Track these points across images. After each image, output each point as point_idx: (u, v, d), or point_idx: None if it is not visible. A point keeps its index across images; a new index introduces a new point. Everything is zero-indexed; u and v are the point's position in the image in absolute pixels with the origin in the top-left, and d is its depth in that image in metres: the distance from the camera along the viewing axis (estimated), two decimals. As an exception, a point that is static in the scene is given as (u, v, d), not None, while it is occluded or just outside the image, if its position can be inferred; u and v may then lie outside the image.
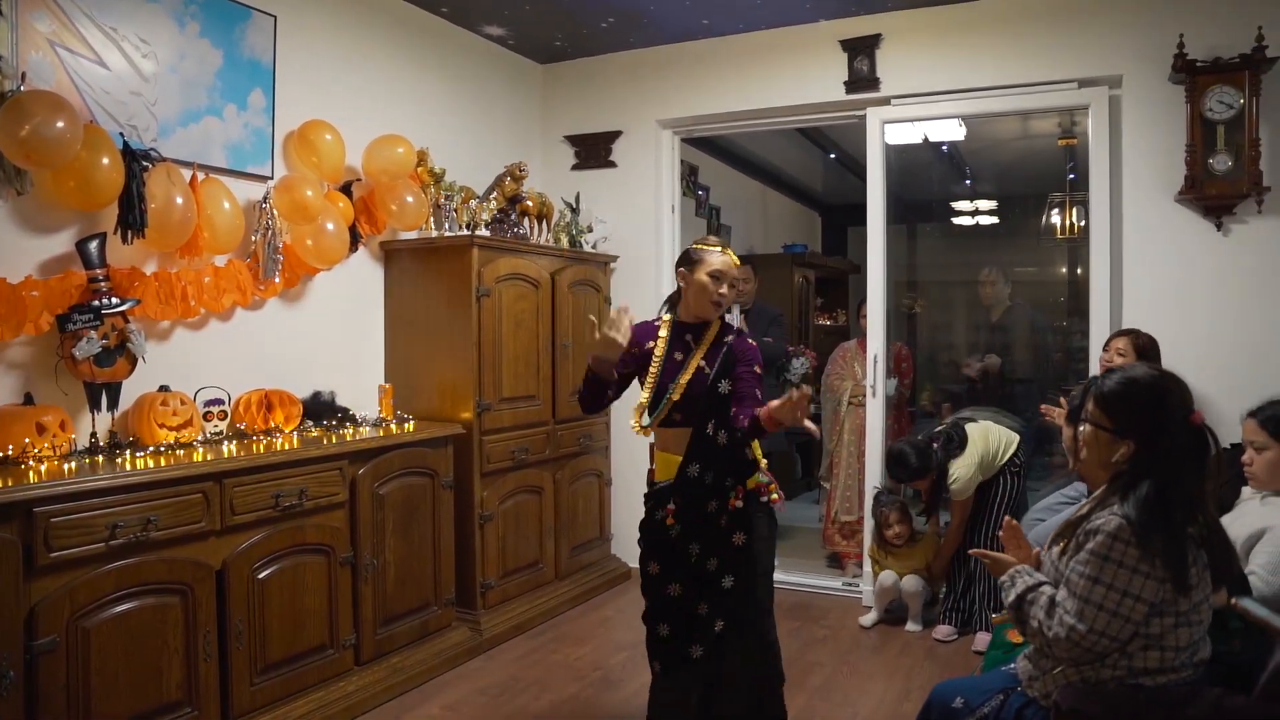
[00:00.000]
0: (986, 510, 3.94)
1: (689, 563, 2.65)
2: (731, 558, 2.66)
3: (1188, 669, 1.87)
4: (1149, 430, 1.90)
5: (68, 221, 2.88)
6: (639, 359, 2.80)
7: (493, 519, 4.00)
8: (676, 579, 2.66)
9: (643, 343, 2.81)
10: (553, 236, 4.67)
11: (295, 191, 3.42)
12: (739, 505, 2.66)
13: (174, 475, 2.66)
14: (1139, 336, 3.50)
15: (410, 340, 4.08)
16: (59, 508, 2.36)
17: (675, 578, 2.66)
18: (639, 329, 2.83)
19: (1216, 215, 3.79)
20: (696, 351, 2.73)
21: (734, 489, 2.67)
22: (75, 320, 2.76)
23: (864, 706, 3.33)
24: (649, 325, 2.86)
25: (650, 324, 2.87)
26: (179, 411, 3.06)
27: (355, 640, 3.29)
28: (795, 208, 9.08)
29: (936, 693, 2.17)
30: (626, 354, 2.77)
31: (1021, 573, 2.02)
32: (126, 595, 2.53)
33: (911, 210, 7.35)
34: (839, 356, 5.19)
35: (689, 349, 2.75)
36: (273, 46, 3.53)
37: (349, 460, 3.27)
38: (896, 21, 4.37)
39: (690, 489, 2.65)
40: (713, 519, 2.66)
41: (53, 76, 2.80)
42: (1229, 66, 3.66)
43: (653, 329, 2.84)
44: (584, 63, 5.10)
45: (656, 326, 2.84)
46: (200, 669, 2.72)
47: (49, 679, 2.33)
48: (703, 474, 2.64)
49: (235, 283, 3.35)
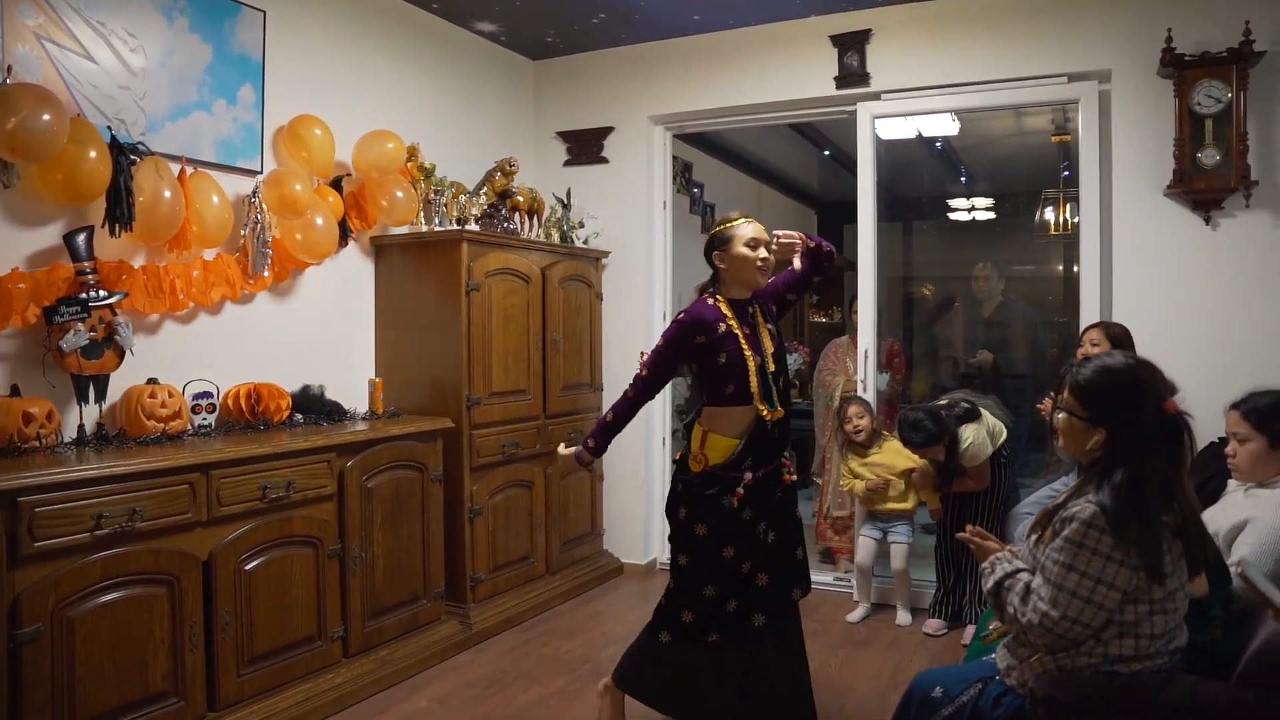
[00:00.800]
0: (975, 501, 3.94)
1: (758, 540, 2.74)
2: (797, 530, 2.86)
3: (1163, 656, 1.87)
4: (1122, 418, 1.91)
5: (55, 214, 2.89)
6: (708, 347, 2.69)
7: (482, 513, 4.00)
8: (748, 557, 2.73)
9: (711, 330, 2.70)
10: (544, 232, 4.68)
11: (284, 186, 3.43)
12: (793, 479, 2.82)
13: (160, 466, 2.67)
14: (1111, 327, 3.52)
15: (400, 334, 4.09)
16: (44, 497, 2.37)
17: (747, 556, 2.73)
18: (698, 315, 2.72)
19: (1205, 209, 3.80)
20: (759, 323, 2.81)
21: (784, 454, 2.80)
22: (63, 313, 2.77)
23: (852, 699, 3.34)
24: (705, 307, 2.75)
25: (705, 304, 2.76)
26: (167, 404, 3.07)
27: (343, 632, 3.30)
28: (791, 205, 9.08)
29: (916, 682, 2.18)
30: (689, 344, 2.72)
31: (1001, 559, 2.04)
32: (112, 585, 2.53)
33: (906, 207, 7.36)
34: (831, 352, 5.20)
35: (754, 323, 2.79)
36: (262, 41, 3.54)
37: (337, 453, 3.28)
38: (886, 16, 4.37)
39: (765, 445, 2.70)
40: (772, 494, 2.76)
41: (40, 70, 2.81)
42: (1216, 60, 3.67)
43: (714, 311, 2.74)
44: (576, 59, 5.11)
45: (714, 306, 2.75)
46: (186, 659, 2.73)
47: (33, 669, 2.34)
48: (774, 428, 2.71)
49: (224, 276, 3.36)
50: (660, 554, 5.11)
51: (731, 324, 2.71)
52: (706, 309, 2.74)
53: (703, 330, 2.70)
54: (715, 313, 2.73)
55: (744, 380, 2.68)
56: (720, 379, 2.70)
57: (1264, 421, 2.48)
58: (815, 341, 7.05)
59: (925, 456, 3.98)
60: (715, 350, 2.69)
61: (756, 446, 2.69)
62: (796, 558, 2.84)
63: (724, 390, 2.70)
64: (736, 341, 2.69)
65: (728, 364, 2.68)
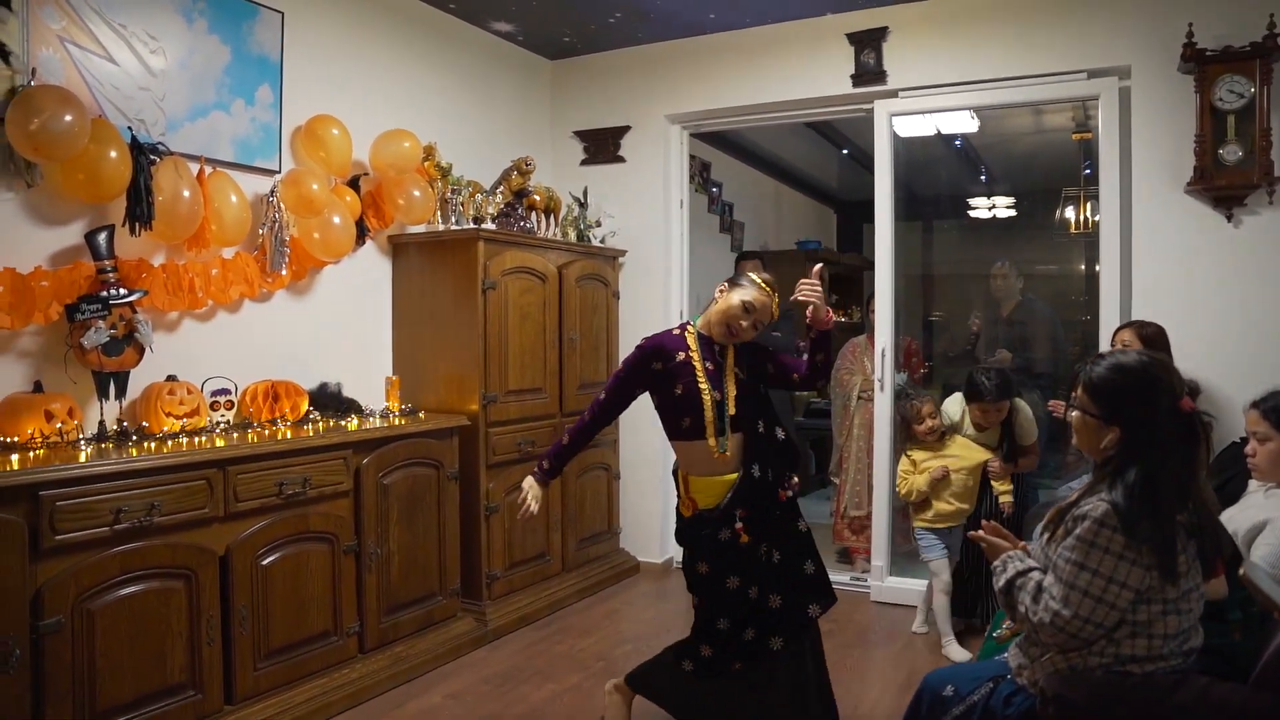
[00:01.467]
0: (989, 499, 3.92)
1: (761, 563, 2.68)
2: (803, 545, 2.74)
3: (1176, 657, 1.85)
4: (1136, 417, 1.89)
5: (77, 214, 2.93)
6: (664, 375, 2.71)
7: (498, 510, 4.02)
8: (755, 583, 2.67)
9: (669, 358, 2.71)
10: (560, 231, 4.69)
11: (302, 185, 3.47)
12: (789, 495, 2.72)
13: (178, 461, 2.71)
14: (1145, 327, 3.45)
15: (417, 332, 4.12)
16: (64, 491, 2.41)
17: (754, 582, 2.67)
18: (658, 342, 2.74)
19: (1227, 206, 3.75)
20: (727, 361, 2.74)
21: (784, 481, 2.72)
22: (84, 310, 2.81)
23: (865, 698, 3.33)
24: (669, 336, 2.77)
25: (670, 334, 2.78)
26: (186, 401, 3.11)
27: (359, 628, 3.32)
28: (809, 204, 9.05)
29: (928, 681, 2.17)
30: (646, 370, 2.72)
31: (1013, 558, 2.02)
32: (131, 579, 2.57)
33: (925, 206, 7.31)
34: (848, 351, 5.18)
35: (720, 362, 2.73)
36: (280, 42, 3.58)
37: (353, 450, 3.31)
38: (903, 14, 4.35)
39: (756, 490, 2.65)
40: (769, 513, 2.69)
41: (62, 72, 2.85)
42: (1239, 55, 3.62)
43: (676, 340, 2.74)
44: (592, 58, 5.13)
45: (679, 336, 2.75)
46: (204, 653, 2.76)
47: (54, 659, 2.38)
48: (764, 472, 2.67)
49: (242, 275, 3.39)
50: (676, 554, 5.11)
51: (693, 356, 2.70)
52: (669, 338, 2.75)
53: (659, 357, 2.70)
54: (678, 342, 2.73)
55: (699, 414, 2.65)
56: (676, 411, 2.69)
57: (1286, 420, 2.44)
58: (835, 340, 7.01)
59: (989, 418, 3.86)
60: (672, 380, 2.68)
61: (746, 496, 2.66)
62: (806, 573, 2.73)
63: (681, 423, 2.68)
64: (693, 374, 2.67)
65: (683, 395, 2.66)
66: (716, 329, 2.73)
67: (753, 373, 2.76)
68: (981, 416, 3.88)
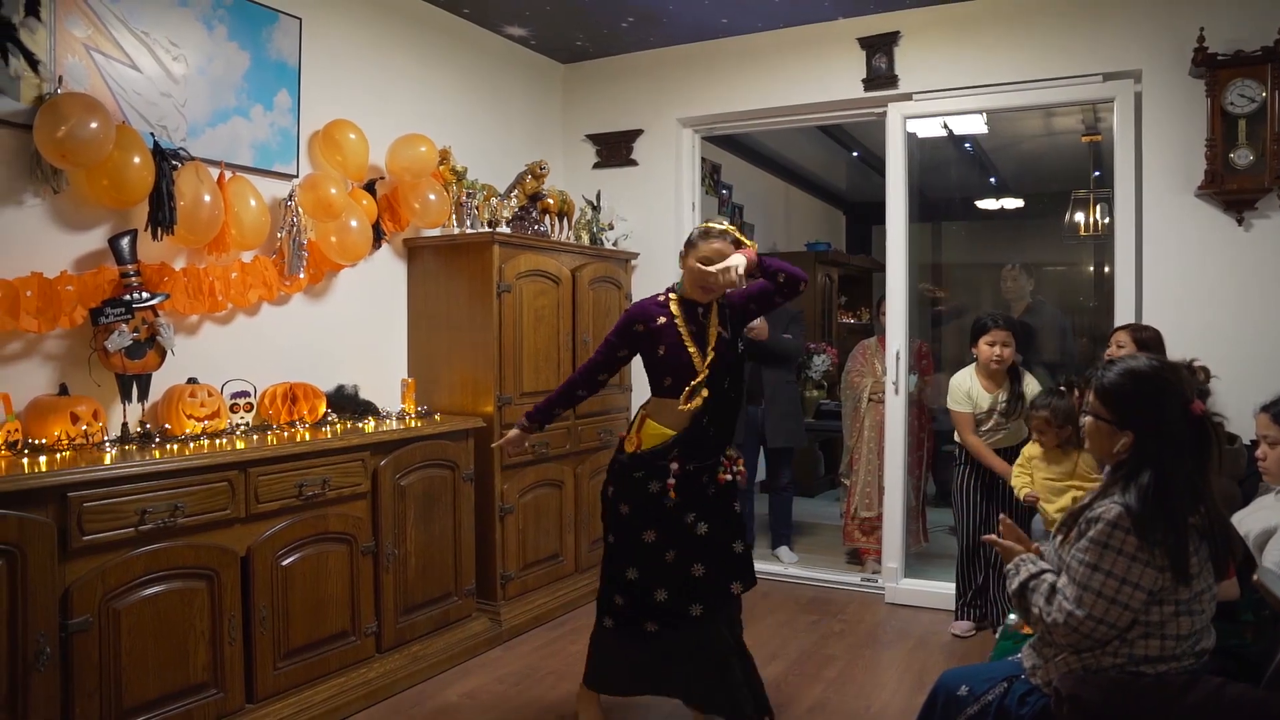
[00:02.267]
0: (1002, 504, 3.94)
1: (685, 530, 2.83)
2: (735, 526, 2.90)
3: (1189, 658, 1.88)
4: (1148, 421, 1.92)
5: (101, 219, 2.98)
6: (645, 336, 2.89)
7: (513, 512, 4.06)
8: (673, 546, 2.83)
9: (650, 320, 2.89)
10: (574, 234, 4.73)
11: (320, 189, 3.51)
12: (729, 479, 2.86)
13: (201, 463, 2.75)
14: (1142, 330, 3.49)
15: (432, 335, 4.16)
16: (91, 493, 2.45)
17: (671, 545, 2.83)
18: (642, 306, 2.95)
19: (1238, 210, 3.76)
20: (710, 320, 2.88)
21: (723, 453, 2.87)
22: (108, 314, 2.85)
23: (878, 698, 3.35)
24: (653, 302, 2.95)
25: (654, 300, 2.96)
26: (206, 403, 3.15)
27: (377, 628, 3.36)
28: (819, 206, 9.08)
29: (942, 680, 2.20)
30: (629, 332, 2.91)
31: (1026, 561, 2.05)
32: (155, 579, 2.61)
33: (935, 209, 7.33)
34: (859, 354, 5.21)
35: (700, 321, 2.88)
36: (298, 48, 3.62)
37: (371, 452, 3.35)
38: (915, 18, 4.38)
39: (699, 443, 2.81)
40: (704, 489, 2.85)
41: (87, 79, 2.90)
42: (1251, 59, 3.64)
43: (658, 305, 2.92)
44: (605, 62, 5.16)
45: (663, 303, 2.92)
46: (225, 652, 2.80)
47: (82, 658, 2.42)
48: (709, 426, 2.82)
49: (261, 278, 3.44)
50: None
51: (676, 319, 2.86)
52: (652, 303, 2.94)
53: (641, 320, 2.89)
54: (659, 307, 2.91)
55: (681, 374, 2.81)
56: (659, 371, 2.87)
57: (1295, 424, 2.46)
58: (843, 343, 7.04)
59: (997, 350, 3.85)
60: (654, 341, 2.86)
61: (688, 441, 2.81)
62: (734, 552, 2.89)
63: (663, 382, 2.86)
64: (676, 335, 2.84)
65: (666, 356, 2.84)
66: (693, 292, 2.88)
67: (740, 323, 2.93)
68: (990, 351, 3.87)
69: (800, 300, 6.38)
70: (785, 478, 5.30)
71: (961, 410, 3.96)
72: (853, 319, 8.36)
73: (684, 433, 2.81)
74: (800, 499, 5.75)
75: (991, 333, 3.88)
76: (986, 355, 3.89)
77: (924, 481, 5.17)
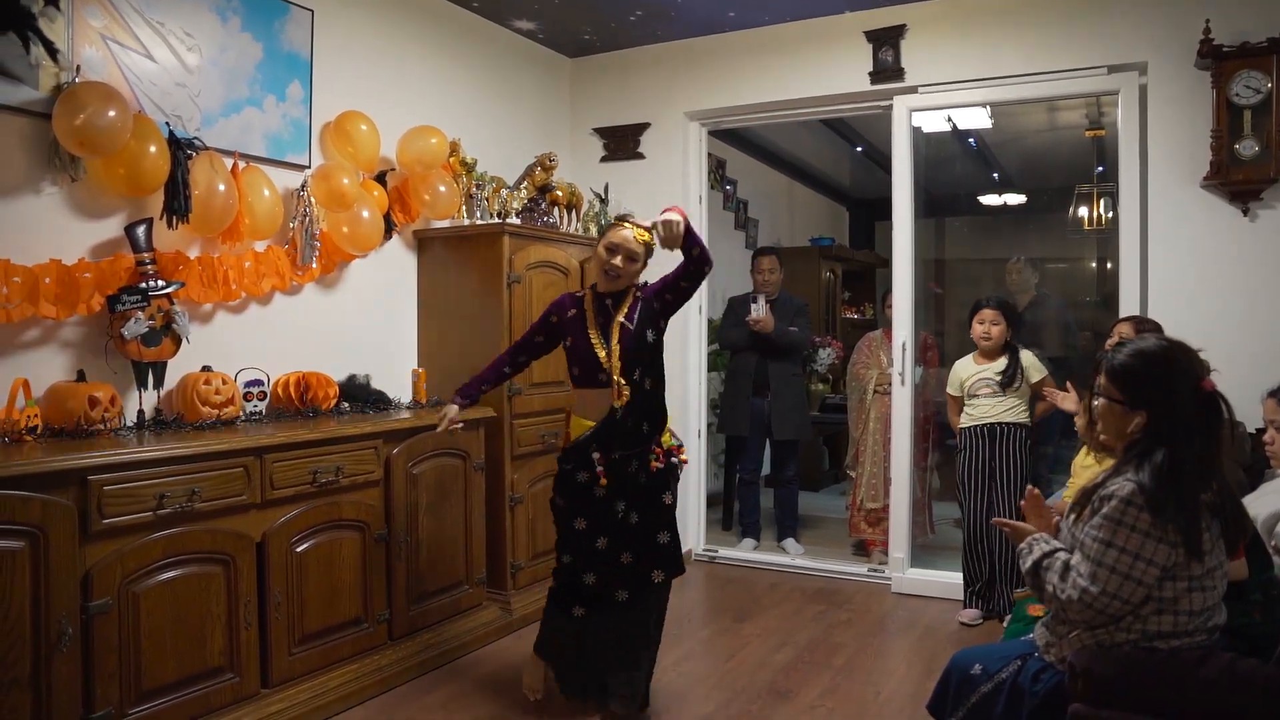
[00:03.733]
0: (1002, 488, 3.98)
1: (615, 519, 2.96)
2: (663, 516, 3.01)
3: (1201, 634, 1.91)
4: (1160, 400, 1.94)
5: (117, 207, 3.00)
6: (558, 327, 3.07)
7: (523, 501, 4.08)
8: (603, 533, 2.96)
9: (563, 311, 3.07)
10: (582, 226, 4.75)
11: (332, 180, 3.53)
12: (660, 468, 2.98)
13: (217, 449, 2.76)
14: (1143, 323, 3.52)
15: (443, 325, 4.18)
16: (111, 476, 2.47)
17: (602, 532, 2.96)
18: (560, 298, 3.14)
19: (1243, 201, 3.79)
20: (616, 313, 2.99)
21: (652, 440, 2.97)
22: (124, 301, 2.87)
23: (886, 685, 3.38)
24: (570, 295, 3.13)
25: (572, 294, 3.15)
26: (221, 391, 3.17)
27: (389, 615, 3.38)
28: (823, 201, 9.11)
29: (955, 660, 2.22)
30: (546, 321, 3.11)
31: (1039, 540, 2.07)
32: (173, 563, 2.63)
33: (939, 205, 7.35)
34: (864, 346, 5.23)
35: (609, 312, 3.00)
36: (310, 40, 3.65)
37: (384, 440, 3.37)
38: (920, 12, 4.40)
39: (616, 433, 2.91)
40: (634, 478, 2.96)
41: (104, 69, 2.92)
42: (1256, 51, 3.66)
43: (573, 298, 3.10)
44: (612, 55, 5.18)
45: (580, 296, 3.10)
46: (241, 637, 2.82)
47: (103, 640, 2.44)
48: (625, 417, 2.91)
49: (274, 268, 3.46)
50: (696, 544, 5.17)
51: (588, 312, 3.01)
52: (569, 296, 3.13)
53: (556, 311, 3.09)
54: (573, 300, 3.08)
55: (586, 364, 2.96)
56: (569, 361, 3.05)
57: (1302, 409, 2.49)
58: (847, 338, 7.07)
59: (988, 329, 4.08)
60: (564, 333, 3.05)
61: (605, 431, 2.92)
62: (659, 542, 2.99)
63: (572, 371, 3.04)
64: (583, 328, 2.99)
65: (572, 347, 3.01)
66: (601, 281, 3.03)
67: (652, 315, 2.98)
68: (983, 329, 4.06)
69: (805, 294, 6.44)
70: (791, 470, 5.32)
71: (951, 393, 4.23)
72: (856, 314, 8.39)
73: (601, 423, 2.93)
74: (804, 493, 5.77)
75: (981, 312, 4.09)
76: (977, 333, 4.10)
77: (929, 474, 5.20)
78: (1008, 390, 4.01)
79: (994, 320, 4.05)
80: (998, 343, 4.06)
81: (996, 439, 3.99)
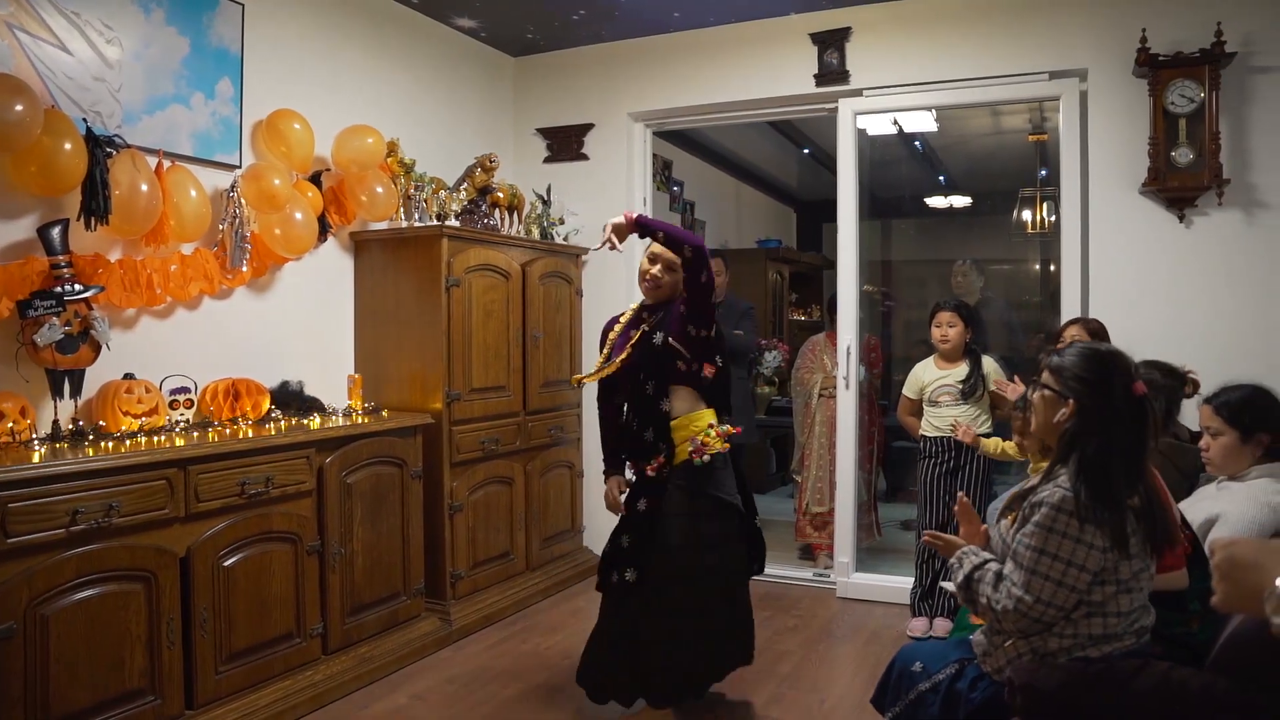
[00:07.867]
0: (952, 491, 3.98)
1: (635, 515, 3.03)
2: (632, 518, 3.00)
3: (1129, 636, 1.92)
4: (1091, 391, 1.96)
5: (29, 207, 2.85)
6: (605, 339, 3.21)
7: (462, 509, 3.99)
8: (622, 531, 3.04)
9: (608, 328, 3.23)
10: (524, 228, 4.68)
11: (263, 180, 3.41)
12: (652, 475, 2.96)
13: (137, 461, 2.64)
14: (1090, 323, 3.58)
15: (380, 330, 4.07)
16: (17, 493, 2.34)
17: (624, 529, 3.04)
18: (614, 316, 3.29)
19: (1179, 207, 3.85)
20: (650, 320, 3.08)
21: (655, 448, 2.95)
22: (37, 306, 2.73)
23: (831, 692, 3.36)
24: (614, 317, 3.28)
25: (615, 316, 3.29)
26: (144, 399, 3.04)
27: (323, 629, 3.28)
28: (770, 203, 9.12)
29: (900, 655, 2.26)
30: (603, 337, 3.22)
31: (969, 553, 2.07)
32: (88, 582, 2.51)
33: (885, 207, 7.41)
34: (809, 350, 5.22)
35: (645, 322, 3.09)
36: (241, 35, 3.52)
37: (316, 449, 3.27)
38: (866, 15, 4.40)
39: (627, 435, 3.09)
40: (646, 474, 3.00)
41: (11, 61, 2.77)
42: (1190, 61, 3.71)
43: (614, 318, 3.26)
44: (556, 55, 5.11)
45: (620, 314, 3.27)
46: (164, 657, 2.70)
47: (5, 666, 2.31)
48: (630, 419, 3.07)
49: (202, 271, 3.33)
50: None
51: (618, 323, 3.18)
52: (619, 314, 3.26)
53: (607, 328, 3.23)
54: (618, 317, 3.23)
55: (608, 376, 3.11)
56: None
57: (1235, 416, 2.52)
58: (794, 340, 7.08)
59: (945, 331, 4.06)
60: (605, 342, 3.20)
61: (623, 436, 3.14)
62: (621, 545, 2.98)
63: None
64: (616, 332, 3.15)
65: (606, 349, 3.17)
66: (644, 293, 3.13)
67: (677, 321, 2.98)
68: (940, 332, 4.04)
69: (752, 296, 6.42)
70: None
71: (906, 394, 4.19)
72: (804, 316, 8.41)
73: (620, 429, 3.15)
74: (752, 495, 5.75)
75: (938, 315, 4.07)
76: (935, 337, 4.09)
77: (875, 476, 5.21)
78: (969, 399, 3.97)
79: (950, 322, 4.02)
80: (956, 345, 4.02)
81: (962, 449, 3.95)
